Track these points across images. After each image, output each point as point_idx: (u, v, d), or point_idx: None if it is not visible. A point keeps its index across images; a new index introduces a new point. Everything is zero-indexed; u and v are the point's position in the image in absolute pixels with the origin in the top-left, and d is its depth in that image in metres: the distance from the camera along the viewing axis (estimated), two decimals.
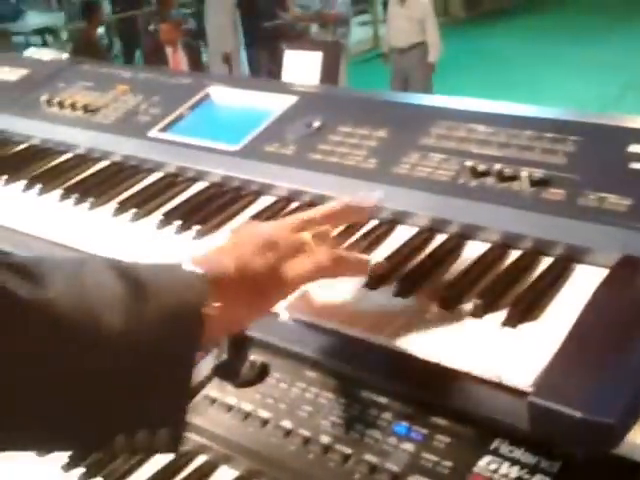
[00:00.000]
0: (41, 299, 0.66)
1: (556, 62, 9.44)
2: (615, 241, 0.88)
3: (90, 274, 0.72)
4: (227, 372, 0.93)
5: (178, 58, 6.66)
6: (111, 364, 0.68)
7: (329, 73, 1.36)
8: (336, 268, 0.87)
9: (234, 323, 0.83)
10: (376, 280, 0.94)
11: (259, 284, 0.81)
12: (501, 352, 0.80)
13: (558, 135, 1.04)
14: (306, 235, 0.86)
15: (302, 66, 1.40)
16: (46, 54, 1.80)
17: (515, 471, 0.82)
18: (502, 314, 0.85)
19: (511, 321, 0.84)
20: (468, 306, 0.88)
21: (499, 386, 0.78)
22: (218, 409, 0.99)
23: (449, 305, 0.88)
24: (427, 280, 0.94)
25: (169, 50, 6.67)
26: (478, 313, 0.86)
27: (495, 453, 0.84)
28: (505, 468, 0.82)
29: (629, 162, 0.96)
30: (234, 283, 0.79)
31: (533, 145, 1.04)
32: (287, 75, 1.43)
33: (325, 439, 0.91)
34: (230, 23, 8.16)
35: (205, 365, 0.99)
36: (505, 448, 0.84)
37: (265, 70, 7.77)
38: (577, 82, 8.73)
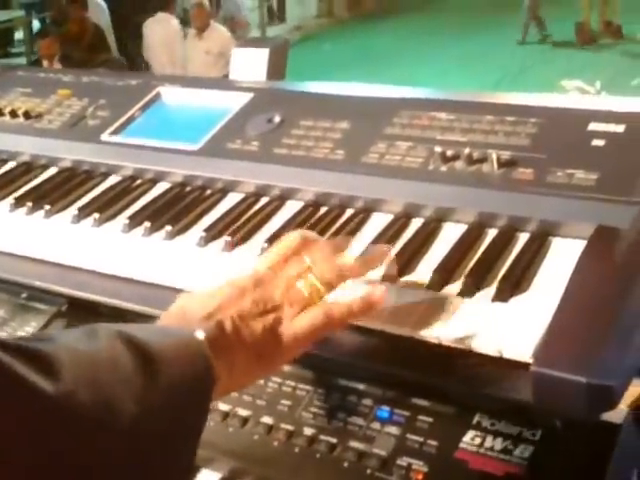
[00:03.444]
0: (61, 393, 0.63)
1: (438, 56, 9.85)
2: (588, 213, 0.94)
3: (103, 352, 0.70)
4: None
5: None
6: (124, 450, 0.67)
7: (276, 70, 1.37)
8: (334, 323, 0.85)
9: (233, 386, 0.82)
10: None
11: (257, 347, 0.80)
12: (496, 327, 0.84)
13: (518, 118, 1.09)
14: (302, 289, 0.85)
15: (249, 63, 1.41)
16: None
17: (499, 443, 0.85)
18: (491, 290, 0.89)
19: (501, 296, 0.88)
20: (456, 286, 0.91)
21: (479, 359, 0.82)
22: None
23: (438, 286, 0.92)
24: (412, 264, 0.97)
25: (46, 64, 6.53)
26: (468, 291, 0.90)
27: (478, 428, 0.87)
28: (489, 441, 0.86)
29: (591, 139, 1.02)
30: (232, 345, 0.78)
31: (496, 129, 1.09)
32: (234, 73, 1.44)
33: (309, 431, 0.92)
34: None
35: None
36: (486, 422, 0.87)
37: None
38: (459, 73, 9.09)
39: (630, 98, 1.09)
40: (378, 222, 1.07)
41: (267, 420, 0.94)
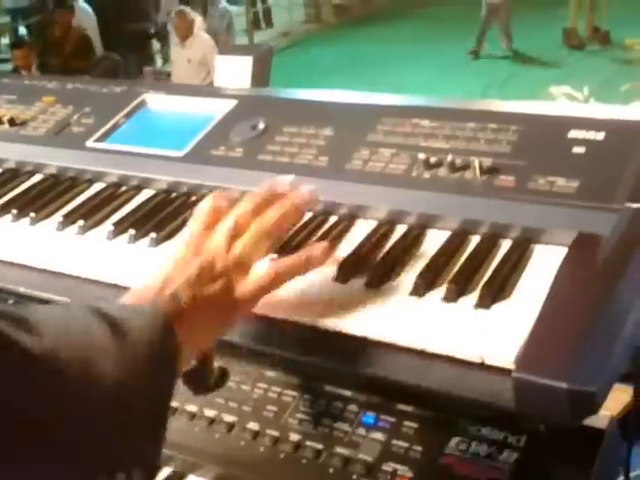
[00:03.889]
0: (45, 350, 0.67)
1: (425, 62, 9.97)
2: (569, 220, 0.95)
3: (76, 320, 0.75)
4: (196, 380, 0.94)
5: None
6: (104, 411, 0.70)
7: (260, 77, 1.38)
8: (282, 278, 0.90)
9: (199, 347, 0.86)
10: (345, 273, 0.97)
11: (212, 309, 0.84)
12: (479, 333, 0.85)
13: (500, 125, 1.10)
14: (242, 250, 0.88)
15: (233, 71, 1.41)
16: None
17: (484, 448, 0.87)
18: (473, 297, 0.90)
19: (484, 302, 0.89)
20: (440, 292, 0.92)
21: (462, 365, 0.83)
22: (180, 418, 0.99)
23: (421, 292, 0.92)
24: (396, 270, 0.98)
25: (25, 74, 6.51)
26: (451, 298, 0.91)
27: (463, 433, 0.88)
28: (474, 447, 0.87)
29: (571, 146, 1.03)
30: (191, 313, 0.82)
31: (478, 136, 1.10)
32: (219, 80, 1.44)
33: (294, 437, 0.93)
34: None
35: None
36: (472, 428, 0.89)
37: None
38: (446, 80, 9.15)
39: (610, 105, 1.10)
40: (362, 229, 1.07)
41: (253, 426, 0.95)
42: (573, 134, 1.04)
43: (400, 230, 1.06)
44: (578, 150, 1.02)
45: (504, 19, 10.68)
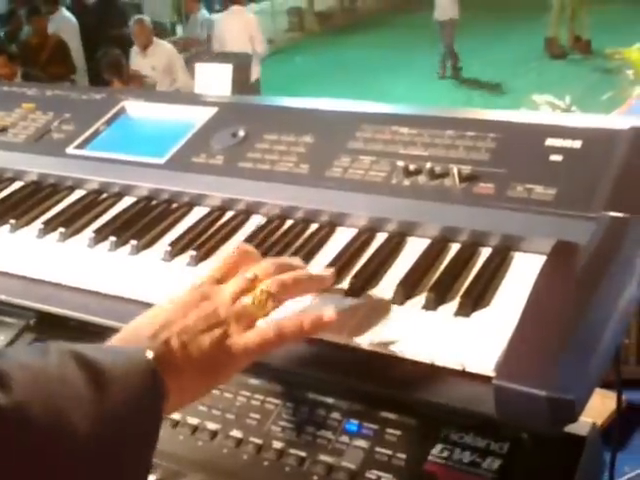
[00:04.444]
0: (13, 405, 0.64)
1: (407, 70, 10.01)
2: (547, 228, 0.95)
3: (53, 368, 0.70)
4: None
5: None
6: (75, 464, 0.67)
7: (240, 84, 1.38)
8: (284, 339, 0.86)
9: (182, 401, 0.82)
10: None
11: (205, 361, 0.81)
12: (459, 341, 0.85)
13: (478, 133, 1.11)
14: (248, 303, 0.86)
15: (213, 78, 1.41)
16: None
17: (467, 456, 0.86)
18: (453, 305, 0.91)
19: (464, 310, 0.89)
20: (420, 300, 0.92)
21: (444, 373, 0.83)
22: (163, 426, 0.98)
23: (401, 300, 0.93)
24: (376, 278, 0.98)
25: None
26: (431, 306, 0.91)
27: (446, 441, 0.88)
28: (457, 454, 0.87)
29: (549, 154, 1.04)
30: (180, 362, 0.79)
31: (456, 144, 1.10)
32: (199, 87, 1.44)
33: (278, 444, 0.92)
34: None
35: None
36: (455, 435, 0.88)
37: None
38: (428, 88, 9.17)
39: (586, 114, 1.11)
40: (342, 236, 1.08)
41: (236, 434, 0.95)
42: (550, 142, 1.05)
43: (380, 238, 1.06)
44: (556, 158, 1.03)
45: (449, 38, 10.45)
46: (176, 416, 0.98)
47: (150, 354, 0.76)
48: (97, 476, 0.68)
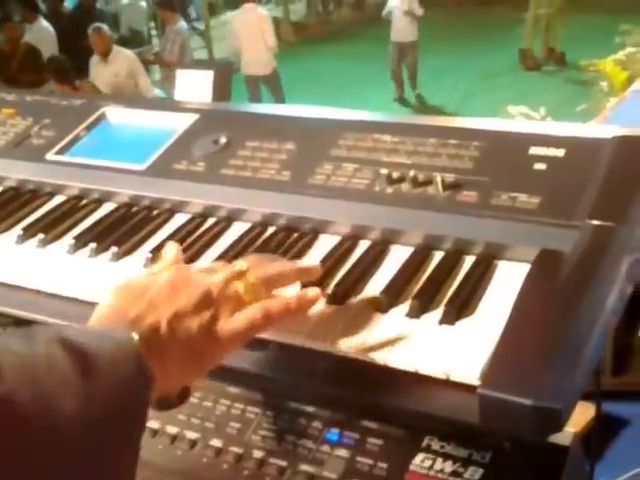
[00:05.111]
0: (2, 393, 0.63)
1: (381, 79, 9.95)
2: (531, 236, 0.95)
3: (40, 354, 0.69)
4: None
5: None
6: (64, 451, 0.66)
7: (221, 91, 1.38)
8: (271, 320, 0.86)
9: (169, 385, 0.81)
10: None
11: (193, 345, 0.80)
12: (443, 349, 0.85)
13: (461, 141, 1.11)
14: (240, 287, 0.85)
15: (194, 85, 1.41)
16: None
17: (449, 465, 0.86)
18: (438, 313, 0.90)
19: (448, 319, 0.89)
20: (403, 308, 0.92)
21: (427, 382, 0.83)
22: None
23: (385, 308, 0.92)
24: (359, 285, 0.98)
25: None
26: (415, 314, 0.91)
27: (427, 450, 0.88)
28: (439, 464, 0.86)
29: (533, 163, 1.04)
30: (168, 346, 0.78)
31: (440, 152, 1.10)
32: (180, 94, 1.44)
33: (258, 454, 0.91)
34: None
35: None
36: (436, 444, 0.88)
37: None
38: (426, 92, 9.20)
39: (570, 123, 1.11)
40: (325, 243, 1.07)
41: (216, 443, 0.94)
42: (534, 151, 1.05)
43: (363, 245, 1.05)
44: (539, 166, 1.03)
45: (412, 61, 10.07)
46: (155, 425, 0.97)
47: (136, 337, 0.75)
48: (86, 461, 0.68)
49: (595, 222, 0.93)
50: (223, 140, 1.24)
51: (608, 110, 3.68)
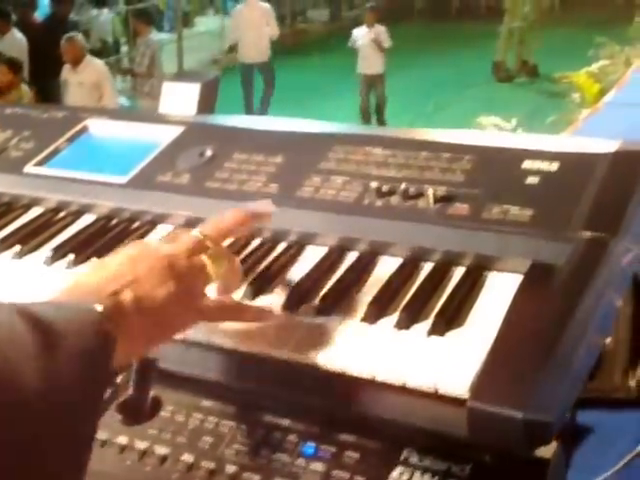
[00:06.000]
0: None
1: (389, 80, 9.91)
2: (523, 249, 0.95)
3: (2, 326, 0.68)
4: (130, 410, 0.90)
5: None
6: (29, 423, 0.65)
7: (207, 104, 1.36)
8: (239, 314, 0.89)
9: (134, 354, 0.81)
10: (296, 301, 0.96)
11: (159, 315, 0.80)
12: (432, 361, 0.84)
13: (453, 155, 1.10)
14: (204, 258, 0.85)
15: (179, 97, 1.39)
16: None
17: (427, 478, 0.84)
18: (427, 324, 0.89)
19: (437, 330, 0.88)
20: (392, 319, 0.91)
21: (409, 394, 0.82)
22: (109, 451, 0.94)
23: (373, 319, 0.91)
24: (347, 297, 0.96)
25: None
26: (404, 325, 0.90)
27: (406, 463, 0.86)
28: (417, 477, 0.85)
29: (525, 177, 1.03)
30: (132, 315, 0.77)
31: (431, 165, 1.09)
32: (164, 106, 1.41)
33: (231, 468, 0.89)
34: None
35: None
36: (414, 457, 0.86)
37: None
38: (397, 104, 9.22)
39: (564, 137, 1.11)
40: (313, 256, 1.06)
41: (188, 458, 0.91)
42: (527, 164, 1.05)
43: (352, 257, 1.04)
44: (532, 180, 1.03)
45: (380, 93, 9.74)
46: (122, 440, 0.94)
47: (99, 308, 0.74)
48: (49, 432, 0.66)
49: (587, 234, 0.93)
50: (209, 153, 1.22)
51: (580, 122, 3.71)
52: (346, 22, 13.66)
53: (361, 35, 9.51)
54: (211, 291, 0.88)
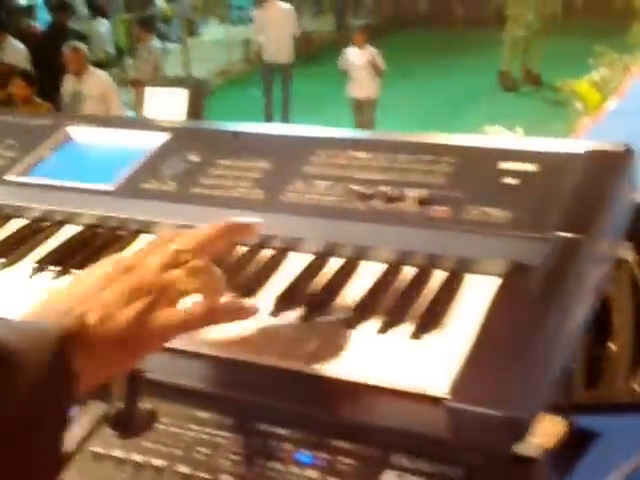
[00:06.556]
0: None
1: (396, 90, 9.89)
2: (502, 250, 0.95)
3: None
4: (123, 423, 0.89)
5: None
6: None
7: (195, 109, 1.35)
8: (211, 318, 0.84)
9: (102, 375, 0.78)
10: (280, 306, 0.96)
11: (124, 337, 0.77)
12: (413, 363, 0.84)
13: (434, 157, 1.10)
14: (178, 275, 0.82)
15: (166, 103, 1.38)
16: None
17: None
18: (408, 327, 0.89)
19: (418, 333, 0.88)
20: (374, 323, 0.91)
21: (396, 396, 0.81)
22: (105, 465, 0.94)
23: (355, 324, 0.91)
24: (331, 302, 0.96)
25: None
26: (386, 329, 0.89)
27: (398, 467, 0.86)
28: None
29: (502, 177, 1.03)
30: (97, 337, 0.75)
31: (411, 167, 1.09)
32: (151, 112, 1.41)
33: (226, 479, 0.89)
34: None
35: (84, 421, 0.95)
36: (406, 461, 0.86)
37: None
38: (385, 122, 9.21)
39: (542, 138, 1.11)
40: (298, 261, 1.05)
41: (184, 469, 0.91)
42: (506, 166, 1.05)
43: (335, 262, 1.04)
44: (511, 181, 1.02)
45: (369, 118, 9.09)
46: (118, 454, 0.94)
47: (61, 331, 0.72)
48: (5, 459, 0.64)
49: (563, 234, 0.93)
50: (195, 159, 1.22)
51: (583, 130, 3.71)
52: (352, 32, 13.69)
53: (355, 56, 8.86)
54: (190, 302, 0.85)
